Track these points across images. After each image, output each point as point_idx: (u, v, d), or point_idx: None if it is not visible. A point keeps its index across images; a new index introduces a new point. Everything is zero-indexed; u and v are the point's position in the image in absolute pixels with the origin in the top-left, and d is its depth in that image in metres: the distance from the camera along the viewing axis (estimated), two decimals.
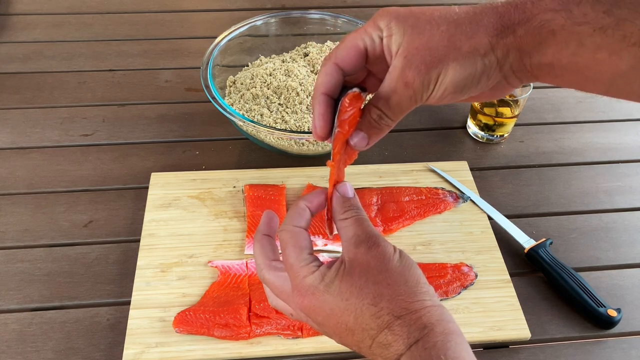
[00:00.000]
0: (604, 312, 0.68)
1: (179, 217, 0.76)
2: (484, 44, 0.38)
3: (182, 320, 0.64)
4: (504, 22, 0.38)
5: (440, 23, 0.39)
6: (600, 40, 0.35)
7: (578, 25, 0.36)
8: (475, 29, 0.38)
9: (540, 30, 0.37)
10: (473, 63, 0.39)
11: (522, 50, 0.38)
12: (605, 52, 0.35)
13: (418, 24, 0.39)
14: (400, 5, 0.44)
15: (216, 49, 0.89)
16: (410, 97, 0.40)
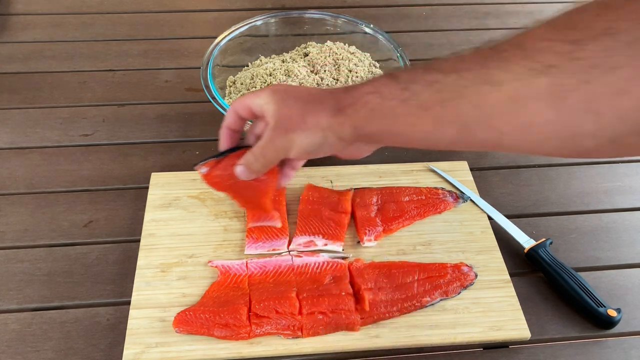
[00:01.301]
0: (604, 312, 0.68)
1: (179, 217, 0.76)
2: (323, 121, 0.51)
3: (182, 320, 0.64)
4: (338, 105, 0.50)
5: (299, 101, 0.53)
6: (406, 110, 0.46)
7: (388, 101, 0.47)
8: (319, 108, 0.51)
9: (363, 109, 0.49)
10: (315, 134, 0.52)
11: (354, 125, 0.50)
12: (412, 118, 0.46)
13: (285, 99, 0.53)
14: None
15: (216, 49, 0.89)
16: (275, 151, 0.55)
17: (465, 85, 0.42)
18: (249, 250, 0.73)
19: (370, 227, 0.75)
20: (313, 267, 0.71)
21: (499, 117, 0.42)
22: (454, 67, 0.44)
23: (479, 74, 0.42)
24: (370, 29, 0.96)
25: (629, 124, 0.37)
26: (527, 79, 0.39)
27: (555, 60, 0.38)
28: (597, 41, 0.36)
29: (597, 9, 0.38)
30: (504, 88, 0.40)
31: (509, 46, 0.41)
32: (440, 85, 0.44)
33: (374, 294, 0.67)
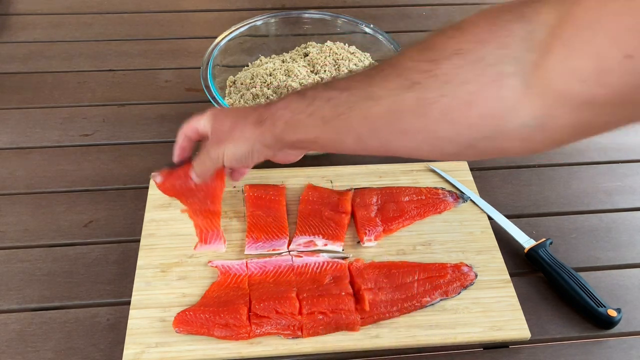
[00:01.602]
0: (604, 312, 0.68)
1: (179, 217, 0.76)
2: (248, 132, 0.59)
3: (182, 320, 0.64)
4: (259, 118, 0.59)
5: (230, 117, 0.62)
6: (312, 122, 0.54)
7: (297, 114, 0.55)
8: (244, 122, 0.60)
9: (279, 122, 0.57)
10: (241, 144, 0.60)
11: (274, 134, 0.58)
12: (318, 129, 0.54)
13: (220, 117, 0.63)
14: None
15: (216, 49, 0.89)
16: (211, 159, 0.63)
17: (354, 101, 0.49)
18: (249, 250, 0.73)
19: (370, 227, 0.75)
20: (313, 267, 0.71)
21: (382, 127, 0.49)
22: (347, 85, 0.50)
23: (365, 90, 0.49)
24: (370, 29, 0.97)
25: (478, 131, 0.44)
26: (399, 94, 0.46)
27: (419, 78, 0.45)
28: (449, 60, 0.43)
29: (451, 31, 0.45)
30: (382, 102, 0.47)
31: (387, 66, 0.48)
32: (337, 101, 0.51)
33: (374, 294, 0.67)
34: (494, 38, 0.42)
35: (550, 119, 0.41)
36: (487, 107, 0.42)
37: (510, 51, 0.41)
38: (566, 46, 0.37)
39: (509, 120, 0.42)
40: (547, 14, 0.40)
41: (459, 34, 0.44)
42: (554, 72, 0.38)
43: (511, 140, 0.44)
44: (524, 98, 0.41)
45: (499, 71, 0.41)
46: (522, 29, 0.41)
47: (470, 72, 0.42)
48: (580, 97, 0.38)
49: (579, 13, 0.36)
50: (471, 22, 0.44)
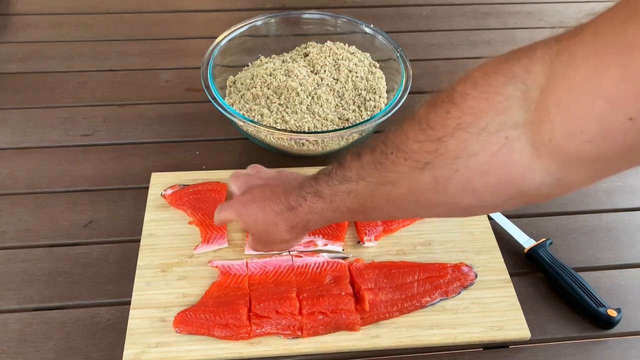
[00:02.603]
0: (604, 312, 0.68)
1: (179, 217, 0.76)
2: (285, 237, 0.64)
3: (182, 320, 0.64)
4: (290, 225, 0.62)
5: (261, 226, 0.65)
6: (340, 214, 0.58)
7: (323, 214, 0.58)
8: (278, 230, 0.63)
9: (309, 225, 0.61)
10: (281, 246, 0.68)
11: (304, 233, 0.64)
12: (344, 218, 0.60)
13: (250, 223, 0.66)
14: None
15: (216, 49, 0.89)
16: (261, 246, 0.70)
17: (373, 189, 0.52)
18: (249, 250, 0.73)
19: (370, 227, 0.75)
20: (313, 267, 0.71)
21: (407, 204, 0.52)
22: (359, 175, 0.53)
23: (379, 178, 0.51)
24: (370, 29, 0.97)
25: (500, 195, 0.45)
26: (414, 176, 0.48)
27: (429, 158, 0.46)
28: (453, 137, 0.44)
29: (445, 106, 0.45)
30: (400, 185, 0.49)
31: (393, 149, 0.49)
32: (356, 193, 0.54)
33: (374, 294, 0.67)
34: (491, 106, 0.42)
35: (565, 175, 0.42)
36: (502, 173, 0.43)
37: (510, 116, 0.42)
38: (564, 109, 0.38)
39: (527, 181, 0.43)
40: (538, 72, 0.41)
41: (455, 109, 0.44)
42: (558, 134, 0.39)
43: (534, 197, 0.45)
44: (535, 159, 0.42)
45: (505, 137, 0.42)
46: (517, 90, 0.41)
47: (476, 144, 0.43)
48: (589, 155, 0.39)
49: (575, 78, 0.37)
50: (463, 93, 0.44)
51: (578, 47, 0.37)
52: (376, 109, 0.88)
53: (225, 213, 0.67)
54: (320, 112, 0.86)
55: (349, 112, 0.87)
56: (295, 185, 0.61)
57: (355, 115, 0.87)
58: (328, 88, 0.89)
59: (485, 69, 0.44)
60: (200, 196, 0.77)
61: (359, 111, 0.88)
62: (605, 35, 0.36)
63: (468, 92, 0.44)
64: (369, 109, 0.88)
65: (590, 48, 0.36)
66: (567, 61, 0.38)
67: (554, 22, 1.20)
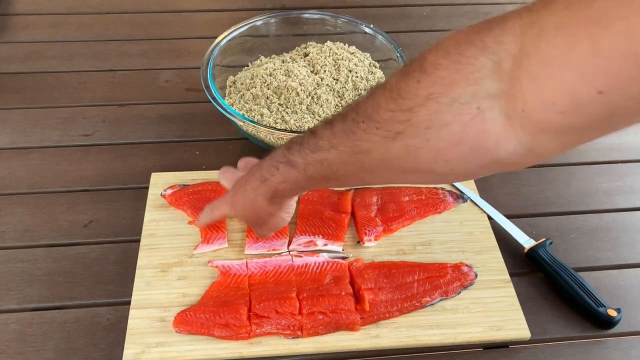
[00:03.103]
0: (604, 312, 0.68)
1: (179, 217, 0.76)
2: (268, 209, 0.64)
3: (182, 320, 0.64)
4: (268, 194, 0.61)
5: (248, 209, 0.64)
6: (314, 182, 0.57)
7: (298, 182, 0.57)
8: (260, 207, 0.63)
9: (286, 194, 0.61)
10: (265, 222, 0.68)
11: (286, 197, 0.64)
12: (319, 186, 0.64)
13: (238, 208, 0.66)
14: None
15: (216, 49, 0.89)
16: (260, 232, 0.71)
17: (345, 158, 0.52)
18: (249, 250, 0.73)
19: (370, 227, 0.75)
20: (313, 267, 0.71)
21: (380, 171, 0.52)
22: (331, 144, 0.52)
23: (351, 146, 0.51)
24: (370, 29, 0.97)
25: (473, 163, 0.46)
26: (386, 145, 0.48)
27: (400, 127, 0.46)
28: (424, 107, 0.44)
29: (416, 74, 0.45)
30: (372, 154, 0.49)
31: (364, 118, 0.49)
32: (329, 161, 0.53)
33: (374, 294, 0.67)
34: (463, 77, 0.42)
35: (536, 144, 0.42)
36: (475, 142, 0.44)
37: (481, 86, 0.42)
38: (536, 81, 0.38)
39: (499, 151, 0.43)
40: (510, 43, 0.40)
41: (426, 78, 0.44)
42: (531, 105, 0.39)
43: (506, 165, 0.46)
44: (507, 129, 0.42)
45: (477, 107, 0.42)
46: (488, 60, 0.41)
47: (448, 114, 0.43)
48: (560, 126, 0.39)
49: (547, 50, 0.37)
50: (434, 63, 0.44)
51: (549, 20, 0.38)
52: None
53: (219, 210, 0.67)
54: (320, 112, 0.86)
55: None
56: (268, 158, 0.61)
57: None
58: (328, 88, 0.89)
59: (458, 38, 0.44)
60: (200, 196, 0.77)
61: None
62: (575, 8, 0.36)
63: (440, 61, 0.44)
64: None
65: (560, 21, 0.37)
66: (538, 33, 0.38)
67: None
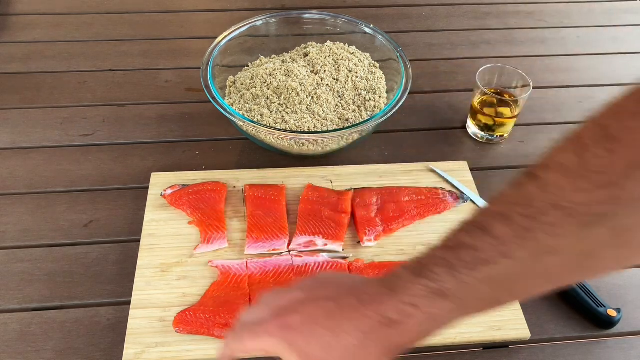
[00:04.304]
0: (604, 312, 0.68)
1: (179, 217, 0.76)
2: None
3: (182, 320, 0.64)
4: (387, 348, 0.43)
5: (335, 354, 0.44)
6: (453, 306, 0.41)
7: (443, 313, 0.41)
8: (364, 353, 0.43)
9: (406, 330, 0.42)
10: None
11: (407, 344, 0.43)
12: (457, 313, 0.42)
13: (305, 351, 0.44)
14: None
15: (216, 49, 0.89)
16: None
17: (523, 265, 0.40)
18: (249, 250, 0.73)
19: (370, 227, 0.75)
20: (313, 267, 0.71)
21: (573, 273, 0.42)
22: (500, 252, 0.40)
23: (533, 248, 0.39)
24: (370, 29, 0.97)
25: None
26: (585, 234, 0.38)
27: (603, 208, 0.38)
28: (630, 177, 0.36)
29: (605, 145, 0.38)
30: (566, 250, 0.39)
31: (545, 208, 0.39)
32: (498, 277, 0.40)
33: None
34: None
35: None
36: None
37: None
38: None
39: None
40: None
41: (619, 146, 0.37)
42: None
43: None
44: None
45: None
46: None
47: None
48: None
49: None
50: (624, 127, 0.37)
51: None
52: (376, 109, 0.88)
53: (258, 344, 0.46)
54: (320, 112, 0.86)
55: (349, 112, 0.87)
56: (381, 291, 0.43)
57: (355, 115, 0.87)
58: (328, 88, 0.89)
59: (638, 97, 0.38)
60: (200, 196, 0.77)
61: (359, 111, 0.88)
62: None
63: (628, 124, 0.37)
64: (369, 109, 0.88)
65: None
66: None
67: (554, 22, 1.20)
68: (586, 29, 1.19)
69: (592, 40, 1.16)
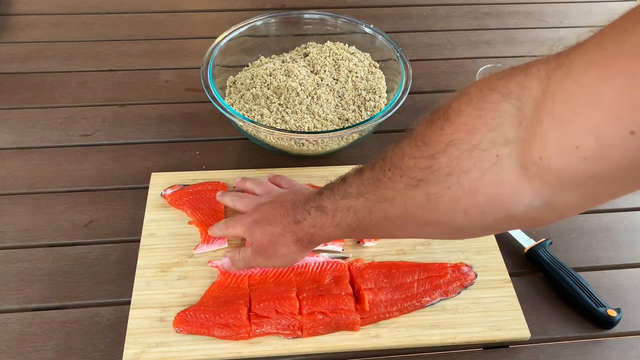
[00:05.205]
0: (604, 312, 0.68)
1: (179, 217, 0.76)
2: (286, 250, 0.64)
3: (182, 320, 0.64)
4: (296, 237, 0.62)
5: (267, 235, 0.65)
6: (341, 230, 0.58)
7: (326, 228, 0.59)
8: (284, 241, 0.64)
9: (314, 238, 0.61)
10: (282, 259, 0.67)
11: (311, 247, 0.64)
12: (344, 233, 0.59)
13: (258, 233, 0.66)
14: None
15: (216, 49, 0.89)
16: (257, 263, 0.69)
17: (371, 206, 0.52)
18: None
19: None
20: (313, 267, 0.71)
21: (403, 223, 0.51)
22: (359, 191, 0.53)
23: (377, 194, 0.51)
24: (370, 29, 0.97)
25: (490, 215, 0.44)
26: (408, 193, 0.47)
27: (422, 175, 0.46)
28: (445, 153, 0.44)
29: (439, 122, 0.45)
30: (396, 202, 0.49)
31: (390, 165, 0.49)
32: (355, 209, 0.54)
33: (373, 294, 0.67)
34: (484, 122, 0.41)
35: (555, 198, 0.40)
36: (491, 192, 0.42)
37: (501, 132, 0.40)
38: (559, 122, 0.36)
39: (515, 203, 0.41)
40: (534, 88, 0.39)
41: (448, 125, 0.44)
42: (550, 151, 0.37)
43: (523, 220, 0.43)
44: (524, 179, 0.40)
45: (495, 154, 0.41)
46: (511, 106, 0.40)
47: (468, 161, 0.42)
48: (582, 175, 0.36)
49: (573, 88, 0.35)
50: (457, 110, 0.43)
51: (578, 58, 0.35)
52: (376, 109, 0.88)
53: (234, 229, 0.68)
54: (320, 112, 0.86)
55: (348, 112, 0.87)
56: (302, 199, 0.62)
57: (355, 115, 0.87)
58: (328, 88, 0.89)
59: (481, 85, 0.43)
60: (200, 196, 0.77)
61: (359, 111, 0.88)
62: (607, 45, 0.33)
63: (462, 108, 0.43)
64: (369, 109, 0.88)
65: (591, 58, 0.34)
66: (565, 72, 0.36)
67: (554, 22, 1.20)
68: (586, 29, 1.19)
69: None
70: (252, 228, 0.65)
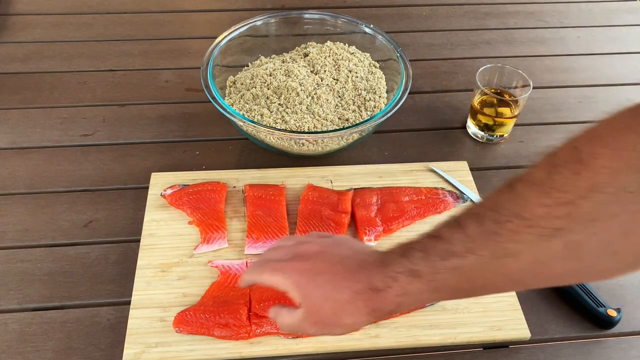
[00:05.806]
0: (604, 312, 0.68)
1: (179, 217, 0.76)
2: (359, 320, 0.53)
3: (182, 320, 0.64)
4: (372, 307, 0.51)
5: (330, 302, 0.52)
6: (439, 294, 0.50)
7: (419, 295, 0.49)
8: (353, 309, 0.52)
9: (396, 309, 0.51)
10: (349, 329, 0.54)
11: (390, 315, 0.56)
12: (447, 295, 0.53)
13: (312, 297, 0.53)
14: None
15: (216, 49, 0.89)
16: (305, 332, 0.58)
17: (486, 262, 0.45)
18: (249, 250, 0.73)
19: (370, 227, 0.75)
20: None
21: (527, 277, 0.46)
22: (468, 249, 0.46)
23: (495, 250, 0.45)
24: (370, 29, 0.97)
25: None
26: (541, 244, 0.43)
27: (560, 223, 0.42)
28: (588, 199, 0.41)
29: (570, 166, 0.42)
30: (523, 257, 0.44)
31: (510, 217, 0.44)
32: (464, 269, 0.46)
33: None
34: (626, 164, 0.40)
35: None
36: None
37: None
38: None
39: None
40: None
41: (585, 169, 0.41)
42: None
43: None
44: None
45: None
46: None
47: (615, 205, 0.40)
48: None
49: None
50: (592, 153, 0.41)
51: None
52: (376, 109, 0.88)
53: (273, 278, 0.55)
54: (320, 112, 0.86)
55: (349, 112, 0.87)
56: (376, 262, 0.52)
57: (355, 115, 0.87)
58: (328, 88, 0.89)
59: (613, 124, 0.42)
60: (200, 196, 0.77)
61: (359, 111, 0.88)
62: None
63: (597, 150, 0.41)
64: (369, 109, 0.88)
65: None
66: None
67: (554, 22, 1.20)
68: (586, 29, 1.19)
69: (591, 40, 1.16)
70: (302, 282, 0.53)
